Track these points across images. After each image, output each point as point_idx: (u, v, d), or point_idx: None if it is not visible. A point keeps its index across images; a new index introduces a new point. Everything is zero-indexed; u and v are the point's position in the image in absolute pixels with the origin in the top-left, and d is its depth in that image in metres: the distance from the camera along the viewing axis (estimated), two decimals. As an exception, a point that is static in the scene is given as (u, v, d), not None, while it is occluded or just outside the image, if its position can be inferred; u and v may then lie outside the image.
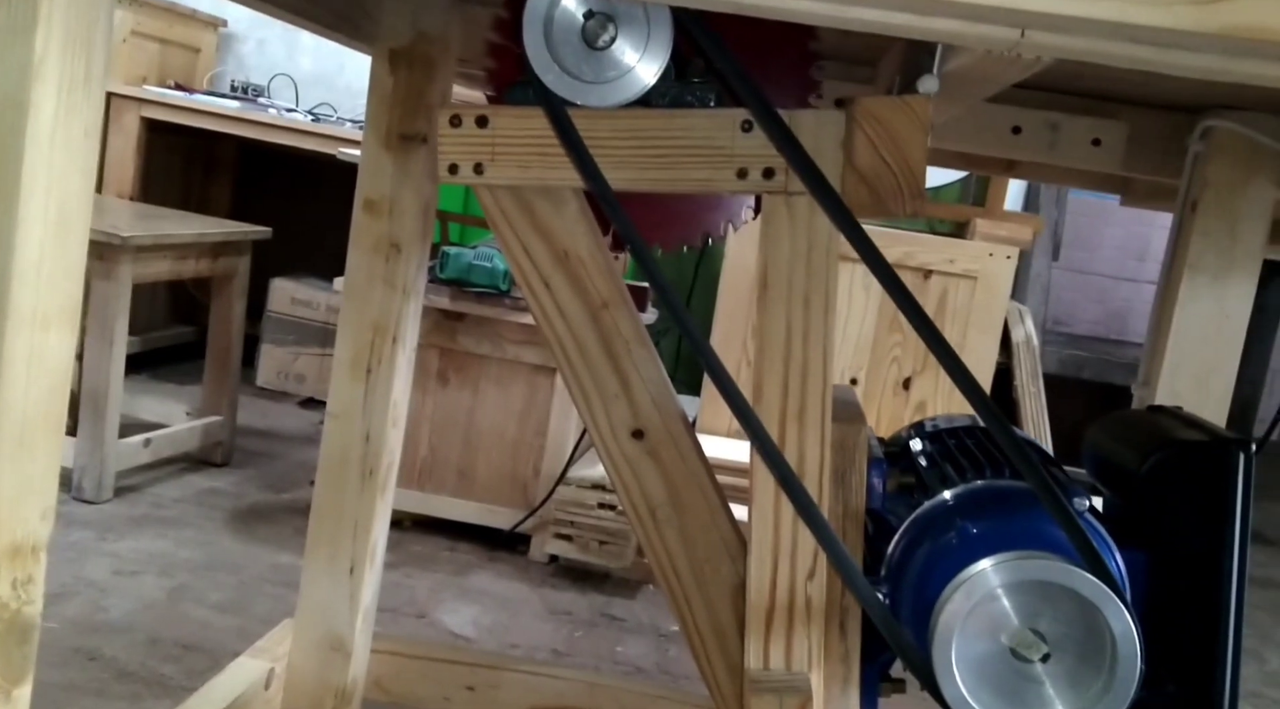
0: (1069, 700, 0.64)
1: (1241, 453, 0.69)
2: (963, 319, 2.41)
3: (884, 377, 2.46)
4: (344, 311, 1.16)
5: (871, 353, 2.46)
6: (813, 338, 0.71)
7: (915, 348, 2.45)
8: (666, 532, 0.80)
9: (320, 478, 1.17)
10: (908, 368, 2.46)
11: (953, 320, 2.41)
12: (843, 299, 2.46)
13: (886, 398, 2.45)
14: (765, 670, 0.73)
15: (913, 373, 2.46)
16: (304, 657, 1.18)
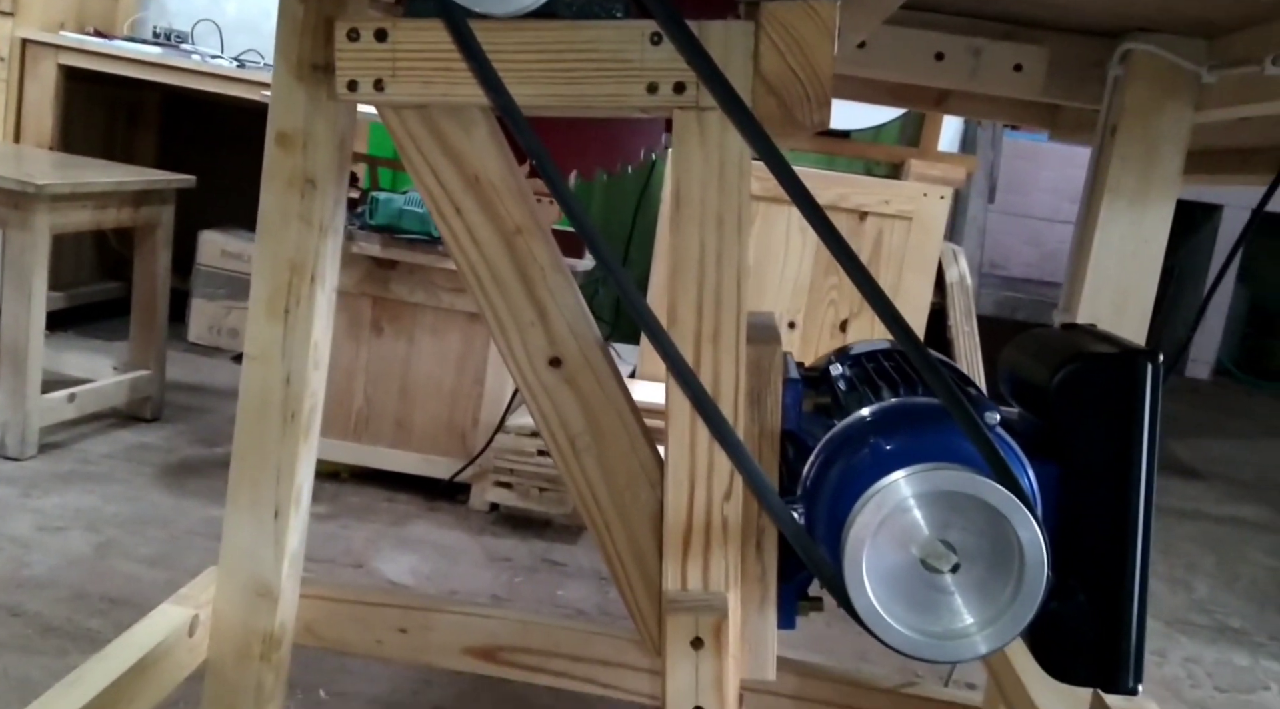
0: (978, 609, 0.64)
1: (1149, 364, 0.69)
2: (897, 260, 2.41)
3: (821, 319, 2.47)
4: (258, 251, 1.12)
5: (809, 296, 2.46)
6: (726, 259, 0.70)
7: (851, 290, 2.46)
8: (586, 460, 0.79)
9: (240, 422, 1.14)
10: (844, 310, 2.47)
11: (888, 261, 2.42)
12: (779, 242, 2.46)
13: (824, 340, 2.46)
14: (683, 591, 0.73)
15: (850, 314, 2.47)
16: (229, 603, 1.16)
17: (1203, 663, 1.96)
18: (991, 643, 0.64)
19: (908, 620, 0.65)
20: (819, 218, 0.63)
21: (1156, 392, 0.69)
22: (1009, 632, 0.64)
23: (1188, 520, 2.92)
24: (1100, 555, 0.71)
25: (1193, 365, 5.84)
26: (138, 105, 3.51)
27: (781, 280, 2.46)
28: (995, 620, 0.64)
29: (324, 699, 1.41)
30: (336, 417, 2.28)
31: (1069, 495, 0.71)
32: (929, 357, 0.66)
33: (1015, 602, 0.64)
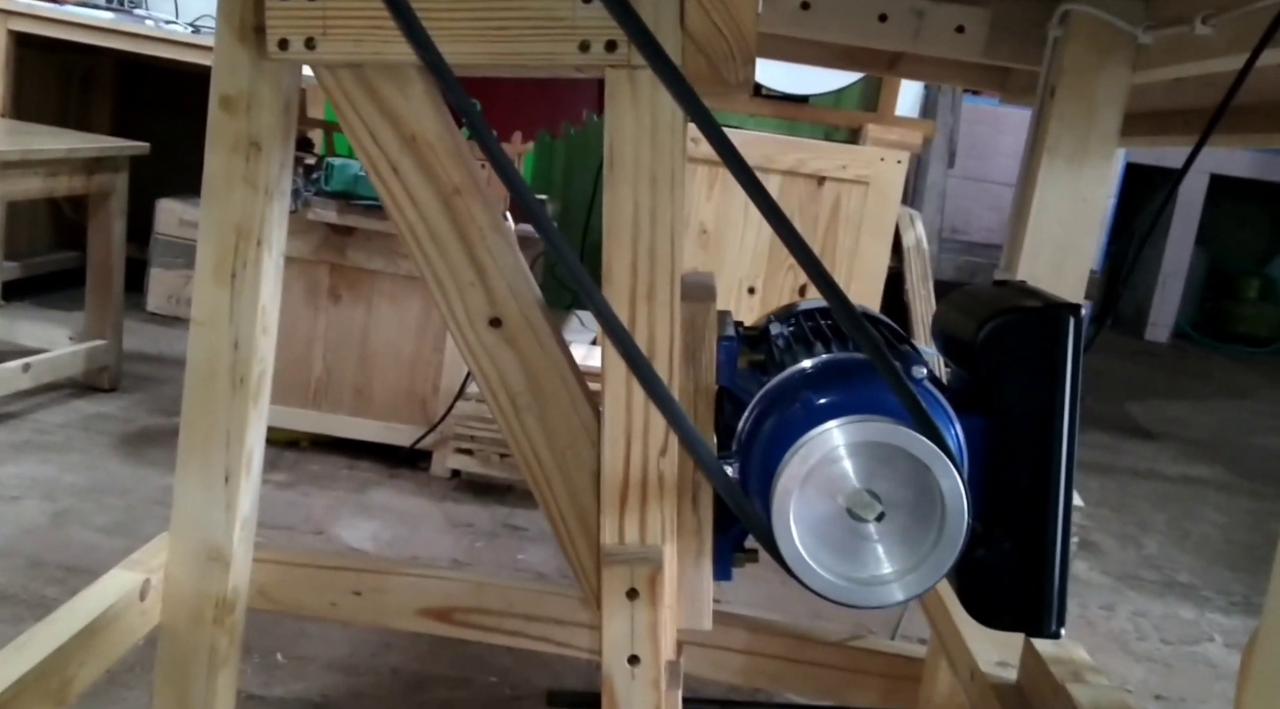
0: (901, 557, 0.66)
1: (1071, 317, 0.71)
2: (855, 224, 2.43)
3: (780, 285, 2.49)
4: (204, 215, 1.12)
5: (768, 261, 2.48)
6: (660, 217, 0.71)
7: (810, 255, 2.47)
8: (527, 419, 0.80)
9: (188, 387, 1.14)
10: (804, 275, 2.48)
11: (846, 226, 2.44)
12: (739, 209, 2.47)
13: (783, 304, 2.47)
14: (620, 545, 0.74)
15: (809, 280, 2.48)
16: (181, 567, 1.16)
17: (1150, 616, 2.01)
18: (914, 588, 0.66)
19: (833, 567, 0.66)
20: (747, 176, 0.64)
21: (1079, 344, 0.71)
22: (931, 577, 0.66)
23: (1141, 479, 2.97)
24: (1024, 504, 0.73)
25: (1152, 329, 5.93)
26: (92, 72, 3.46)
27: (741, 246, 2.47)
28: (917, 567, 0.66)
29: (281, 663, 1.42)
30: (295, 385, 2.27)
31: (995, 447, 0.73)
32: (854, 312, 0.67)
33: (936, 549, 0.65)
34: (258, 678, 1.37)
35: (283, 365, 2.25)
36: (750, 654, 1.23)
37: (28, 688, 0.92)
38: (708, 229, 2.47)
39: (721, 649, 1.24)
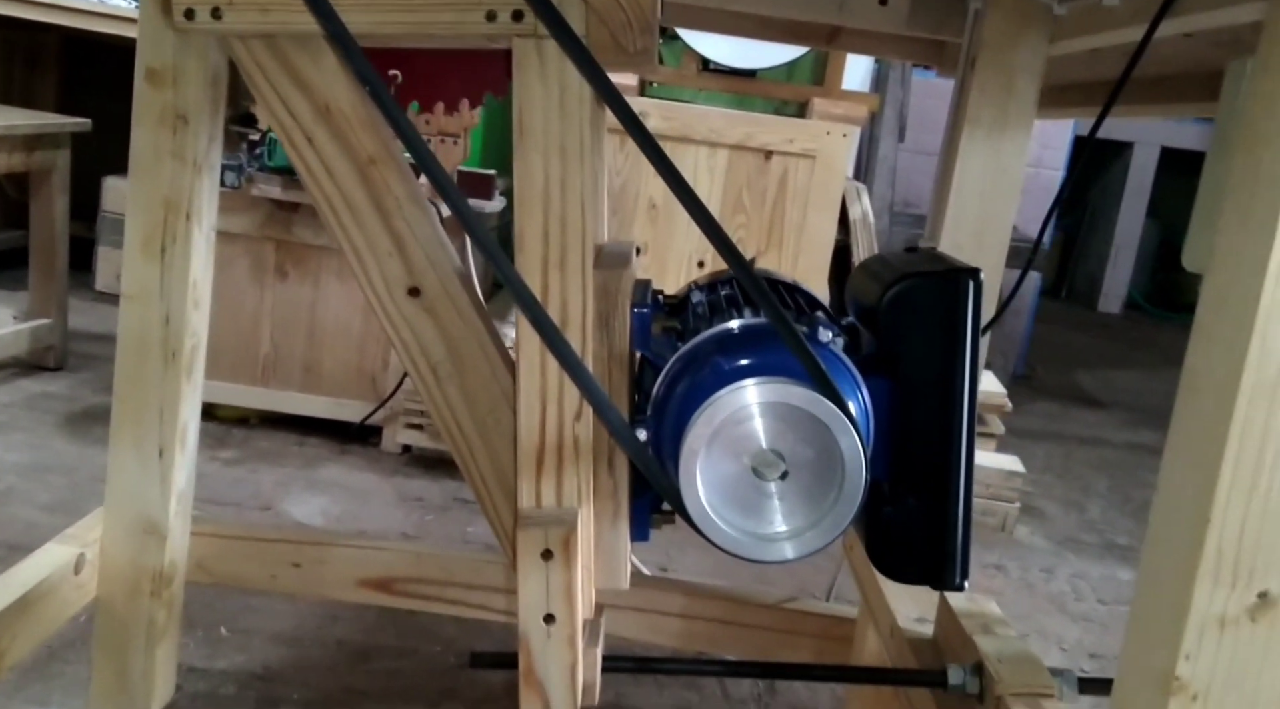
0: (803, 514, 0.68)
1: (970, 281, 0.73)
2: (802, 198, 2.45)
3: (729, 257, 2.50)
4: (132, 189, 1.12)
5: (716, 234, 2.49)
6: (570, 186, 0.72)
7: (759, 228, 2.49)
8: (448, 388, 0.81)
9: (119, 362, 1.14)
10: (751, 247, 2.50)
11: (793, 199, 2.46)
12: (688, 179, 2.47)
13: (731, 278, 2.49)
14: (537, 508, 0.76)
15: (757, 252, 2.50)
16: (116, 542, 1.17)
17: (1089, 578, 2.06)
18: (815, 543, 0.68)
19: (737, 523, 0.68)
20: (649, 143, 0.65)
21: (978, 307, 0.73)
22: (831, 532, 0.68)
23: (1087, 447, 3.03)
24: (928, 462, 0.75)
25: (1104, 300, 6.01)
26: (36, 48, 3.41)
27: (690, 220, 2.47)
28: (818, 523, 0.68)
29: (225, 636, 1.43)
30: (243, 362, 2.26)
31: (900, 408, 0.75)
32: (755, 277, 0.69)
33: (837, 506, 0.67)
34: (200, 651, 1.38)
35: (230, 343, 2.24)
36: (687, 618, 1.25)
37: (-44, 661, 0.92)
38: (656, 204, 2.48)
39: (659, 614, 1.26)
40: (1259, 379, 0.52)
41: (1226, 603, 0.54)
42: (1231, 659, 0.54)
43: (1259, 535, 0.53)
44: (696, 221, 0.68)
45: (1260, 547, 0.53)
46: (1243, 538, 0.53)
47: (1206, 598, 0.54)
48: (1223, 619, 0.54)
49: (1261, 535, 0.53)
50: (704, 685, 1.45)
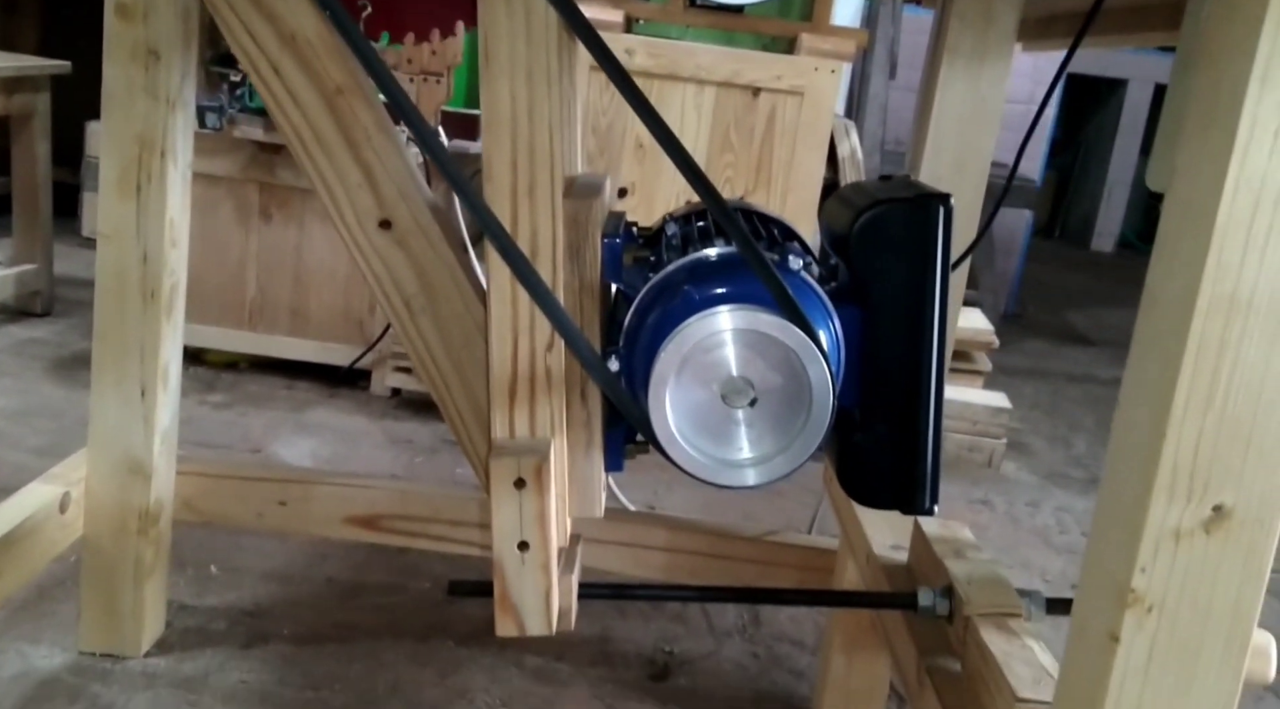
0: (771, 440, 0.68)
1: (941, 207, 0.73)
2: (791, 136, 2.43)
3: (716, 196, 2.49)
4: (105, 127, 1.11)
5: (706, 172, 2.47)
6: (538, 113, 0.72)
7: (746, 166, 2.47)
8: (422, 321, 0.81)
9: (99, 303, 1.14)
10: (740, 186, 2.48)
11: (782, 137, 2.44)
12: (674, 121, 2.46)
13: (719, 217, 2.48)
14: (510, 439, 0.76)
15: (745, 191, 2.48)
16: (101, 481, 1.18)
17: (1073, 511, 2.08)
18: (781, 468, 0.69)
19: (706, 449, 0.69)
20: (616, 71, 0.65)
21: (949, 233, 0.73)
22: (798, 457, 0.69)
23: (1075, 383, 3.04)
24: (898, 388, 0.75)
25: (1098, 239, 6.00)
26: (13, -10, 3.35)
27: (677, 158, 2.46)
28: (787, 449, 0.68)
29: (215, 574, 1.44)
30: (230, 306, 2.26)
31: (871, 335, 0.75)
32: (724, 205, 0.69)
33: (804, 432, 0.68)
34: (191, 589, 1.39)
35: (216, 287, 2.24)
36: (671, 551, 1.27)
37: (-58, 597, 0.93)
38: (644, 143, 2.46)
39: (643, 547, 1.27)
40: (1215, 293, 0.52)
41: (1182, 516, 0.54)
42: (1186, 572, 0.55)
43: (1214, 449, 0.54)
44: (662, 145, 0.68)
45: (1215, 461, 0.54)
46: (1198, 452, 0.54)
47: (1162, 511, 0.54)
48: (1178, 532, 0.54)
49: (1217, 449, 0.54)
50: (689, 619, 1.47)
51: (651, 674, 1.34)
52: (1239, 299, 0.52)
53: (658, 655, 1.38)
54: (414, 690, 1.24)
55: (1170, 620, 0.55)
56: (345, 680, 1.24)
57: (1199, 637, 0.55)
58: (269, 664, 1.25)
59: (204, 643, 1.27)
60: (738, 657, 1.40)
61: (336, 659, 1.28)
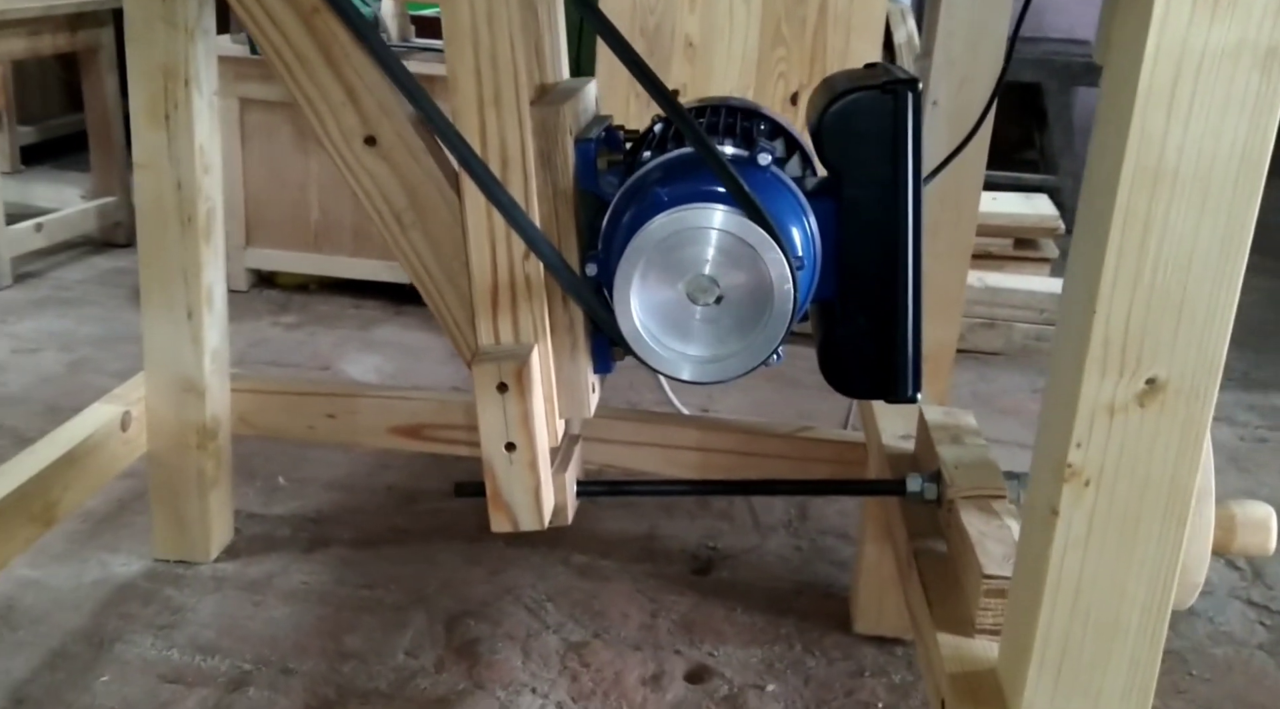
0: (737, 335, 0.70)
1: (908, 93, 0.72)
2: (845, 24, 2.36)
3: (771, 93, 2.45)
4: (130, 60, 1.15)
5: (757, 71, 2.43)
6: (497, 21, 0.72)
7: (800, 61, 2.42)
8: (413, 234, 0.84)
9: (140, 230, 1.20)
10: (794, 82, 2.43)
11: (835, 27, 2.37)
12: (724, 17, 2.41)
13: (774, 114, 2.44)
14: (494, 345, 0.79)
15: (799, 87, 2.43)
16: (159, 399, 1.25)
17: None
18: (748, 363, 0.70)
19: (675, 346, 0.70)
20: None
21: (918, 119, 0.72)
22: (763, 351, 0.70)
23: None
24: (875, 279, 0.75)
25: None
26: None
27: (729, 57, 2.42)
28: (752, 343, 0.70)
29: (282, 485, 1.52)
30: (295, 230, 2.32)
31: (846, 228, 0.75)
32: (674, 102, 0.69)
33: (768, 325, 0.69)
34: (259, 499, 1.47)
35: (281, 211, 2.30)
36: (704, 451, 1.29)
37: (8, 509, 1.01)
38: (694, 42, 2.42)
39: (677, 448, 1.30)
40: (1139, 166, 0.51)
41: (1115, 390, 0.54)
42: (1122, 445, 0.55)
43: (1144, 323, 0.53)
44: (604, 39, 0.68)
45: (1146, 334, 0.53)
46: (1129, 326, 0.53)
47: (1095, 386, 0.54)
48: (1112, 406, 0.54)
49: (1147, 323, 0.53)
50: (735, 516, 1.50)
51: (695, 569, 1.38)
52: (1164, 170, 0.51)
53: (701, 551, 1.42)
54: (463, 587, 1.30)
55: (1108, 493, 0.56)
56: (399, 580, 1.30)
57: (1137, 509, 0.56)
58: (329, 566, 1.32)
59: (269, 548, 1.35)
60: (781, 550, 1.43)
61: (392, 561, 1.35)
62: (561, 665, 1.17)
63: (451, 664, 1.16)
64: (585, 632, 1.23)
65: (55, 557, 1.30)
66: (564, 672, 1.16)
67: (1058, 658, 0.58)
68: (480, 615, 1.24)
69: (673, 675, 1.17)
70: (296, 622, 1.21)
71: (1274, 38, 0.49)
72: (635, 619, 1.26)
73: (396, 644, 1.18)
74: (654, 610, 1.28)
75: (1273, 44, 0.49)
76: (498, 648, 1.19)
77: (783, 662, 1.20)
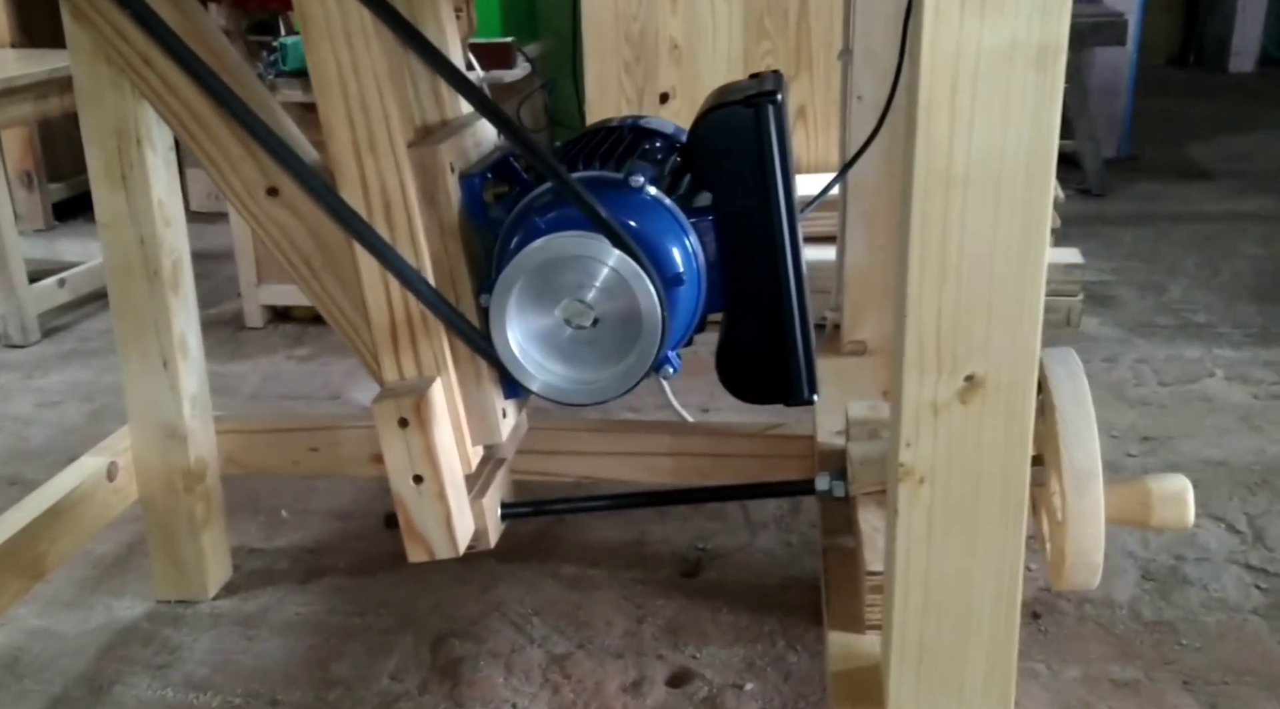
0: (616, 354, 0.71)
1: (770, 106, 0.73)
2: (828, 13, 2.36)
3: (760, 86, 2.44)
4: (83, 124, 1.19)
5: (744, 65, 2.43)
6: (362, 69, 0.75)
7: (785, 53, 2.42)
8: (324, 277, 0.86)
9: (110, 285, 1.24)
10: (782, 72, 2.43)
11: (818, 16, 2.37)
12: (705, 14, 2.42)
13: (766, 107, 2.44)
14: (400, 381, 0.81)
15: (789, 78, 2.43)
16: (145, 447, 1.29)
17: (1152, 362, 2.00)
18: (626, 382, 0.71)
19: (557, 370, 0.72)
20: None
21: (781, 130, 0.73)
22: (639, 369, 0.71)
23: (1182, 224, 2.88)
24: (759, 287, 0.76)
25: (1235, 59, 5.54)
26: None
27: (715, 55, 2.43)
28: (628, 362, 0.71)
29: (285, 518, 1.56)
30: (304, 262, 2.37)
31: (726, 240, 0.76)
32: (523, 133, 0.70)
33: (640, 344, 0.70)
34: (261, 533, 1.52)
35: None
36: (676, 455, 1.31)
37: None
38: (679, 44, 2.43)
39: (650, 455, 1.32)
40: (929, 171, 0.52)
41: (936, 389, 0.55)
42: (951, 442, 0.56)
43: (956, 323, 0.54)
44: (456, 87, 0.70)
45: (959, 333, 0.54)
46: (940, 327, 0.54)
47: (916, 386, 0.55)
48: (935, 405, 0.55)
49: (958, 322, 0.54)
50: (727, 515, 1.51)
51: (683, 571, 1.39)
52: (954, 174, 0.52)
53: (691, 553, 1.43)
54: (454, 607, 1.33)
55: (943, 490, 0.56)
56: (390, 604, 1.34)
57: (973, 503, 0.56)
58: (323, 595, 1.36)
59: (267, 582, 1.39)
60: (771, 546, 1.44)
61: (385, 585, 1.38)
62: (543, 679, 1.19)
63: (434, 686, 1.18)
64: (569, 643, 1.25)
65: (64, 604, 1.36)
66: (545, 685, 1.18)
67: (916, 653, 0.59)
68: (466, 634, 1.27)
69: (654, 681, 1.18)
70: (288, 653, 1.24)
71: (1045, 34, 0.49)
72: (620, 626, 1.28)
73: (382, 669, 1.21)
74: (640, 616, 1.30)
75: (1044, 41, 0.49)
76: (480, 666, 1.21)
77: (764, 659, 1.21)
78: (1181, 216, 2.95)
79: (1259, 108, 4.56)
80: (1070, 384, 0.76)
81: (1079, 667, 1.17)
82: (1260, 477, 1.57)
